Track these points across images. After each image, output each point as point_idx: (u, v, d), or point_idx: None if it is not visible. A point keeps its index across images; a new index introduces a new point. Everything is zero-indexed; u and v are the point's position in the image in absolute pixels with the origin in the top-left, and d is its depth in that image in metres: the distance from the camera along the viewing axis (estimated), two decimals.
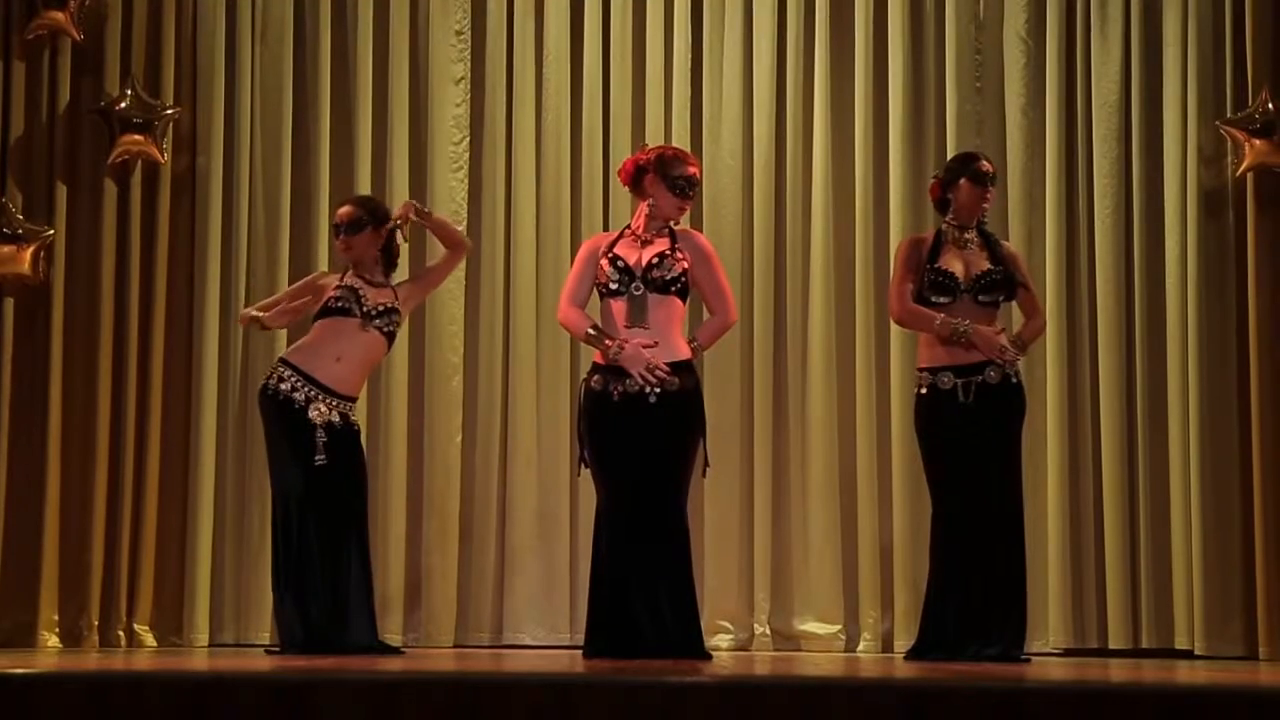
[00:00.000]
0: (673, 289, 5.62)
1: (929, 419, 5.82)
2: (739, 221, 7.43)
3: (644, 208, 5.74)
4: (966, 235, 5.88)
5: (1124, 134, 7.33)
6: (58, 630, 7.03)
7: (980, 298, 5.80)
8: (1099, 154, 7.32)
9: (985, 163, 5.95)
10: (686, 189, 5.72)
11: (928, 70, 7.48)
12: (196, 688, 3.51)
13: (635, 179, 5.77)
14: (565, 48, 7.53)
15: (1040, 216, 7.33)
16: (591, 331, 5.64)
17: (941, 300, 5.79)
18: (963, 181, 5.88)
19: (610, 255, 5.67)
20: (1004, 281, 5.82)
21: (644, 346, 5.53)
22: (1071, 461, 7.22)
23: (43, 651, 6.75)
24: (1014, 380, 5.80)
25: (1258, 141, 7.07)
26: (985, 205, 5.90)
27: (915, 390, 5.89)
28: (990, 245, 5.88)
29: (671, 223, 5.75)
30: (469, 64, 7.54)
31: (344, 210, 6.19)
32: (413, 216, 6.14)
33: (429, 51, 7.54)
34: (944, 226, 5.92)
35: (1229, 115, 7.19)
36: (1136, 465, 7.20)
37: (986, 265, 5.82)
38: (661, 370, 5.52)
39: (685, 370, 5.61)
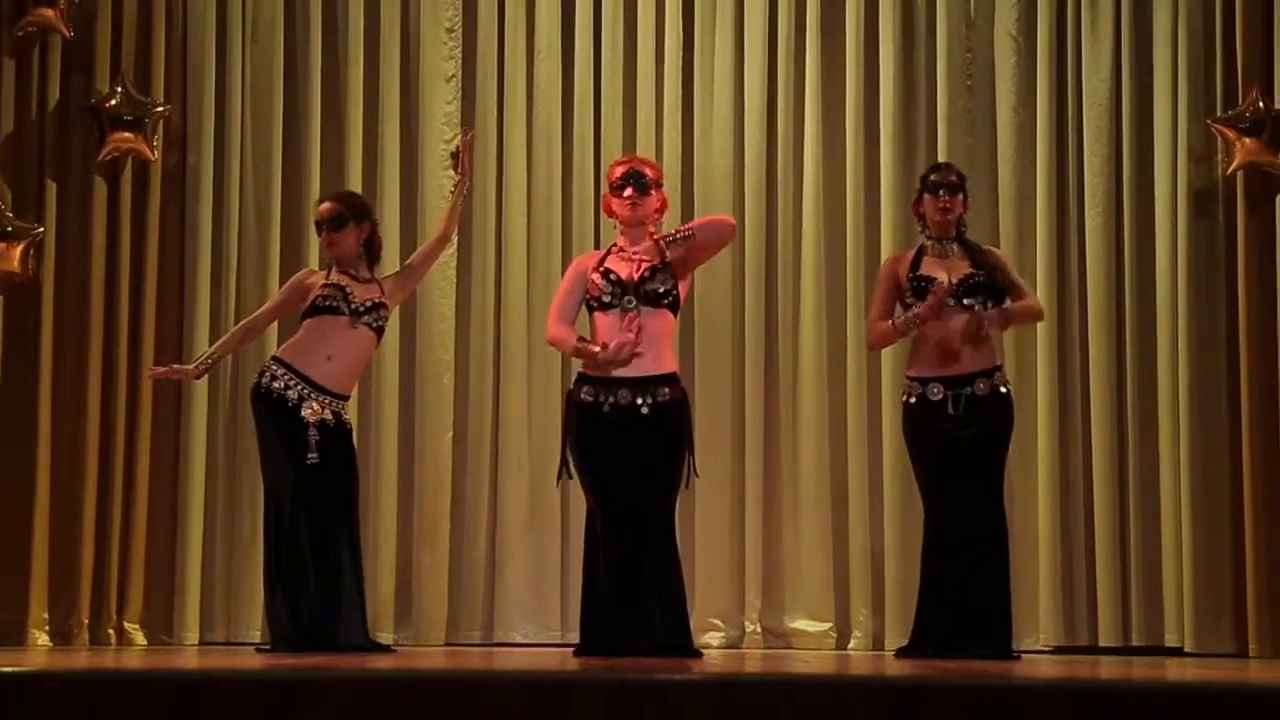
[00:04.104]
0: (664, 302, 5.66)
1: (917, 428, 5.82)
2: None
3: (619, 226, 5.81)
4: (948, 246, 5.89)
5: (1114, 132, 7.34)
6: (48, 628, 7.02)
7: (964, 301, 5.79)
8: (1089, 152, 7.33)
9: (940, 172, 5.96)
10: (623, 186, 5.76)
11: (918, 68, 7.48)
12: (187, 686, 3.51)
13: (609, 208, 5.88)
14: (556, 46, 7.53)
15: (1031, 214, 7.33)
16: (579, 343, 5.66)
17: None
18: (924, 195, 5.93)
19: (602, 270, 5.70)
20: (987, 284, 5.81)
21: (629, 345, 5.54)
22: (1062, 458, 7.22)
23: (32, 650, 6.73)
24: (1002, 390, 5.80)
25: (1248, 140, 7.08)
26: (949, 214, 5.88)
27: (903, 399, 5.89)
28: (972, 253, 5.88)
29: (658, 239, 5.75)
30: (460, 62, 7.53)
31: (325, 206, 6.17)
32: (463, 159, 6.22)
33: (420, 49, 7.53)
34: (925, 242, 5.94)
35: (1219, 113, 7.20)
36: (1126, 462, 7.20)
37: (968, 270, 5.82)
38: (633, 341, 5.49)
39: (673, 382, 5.66)
